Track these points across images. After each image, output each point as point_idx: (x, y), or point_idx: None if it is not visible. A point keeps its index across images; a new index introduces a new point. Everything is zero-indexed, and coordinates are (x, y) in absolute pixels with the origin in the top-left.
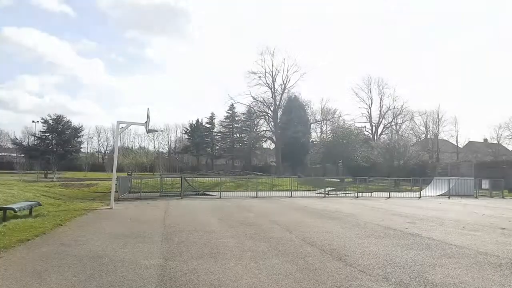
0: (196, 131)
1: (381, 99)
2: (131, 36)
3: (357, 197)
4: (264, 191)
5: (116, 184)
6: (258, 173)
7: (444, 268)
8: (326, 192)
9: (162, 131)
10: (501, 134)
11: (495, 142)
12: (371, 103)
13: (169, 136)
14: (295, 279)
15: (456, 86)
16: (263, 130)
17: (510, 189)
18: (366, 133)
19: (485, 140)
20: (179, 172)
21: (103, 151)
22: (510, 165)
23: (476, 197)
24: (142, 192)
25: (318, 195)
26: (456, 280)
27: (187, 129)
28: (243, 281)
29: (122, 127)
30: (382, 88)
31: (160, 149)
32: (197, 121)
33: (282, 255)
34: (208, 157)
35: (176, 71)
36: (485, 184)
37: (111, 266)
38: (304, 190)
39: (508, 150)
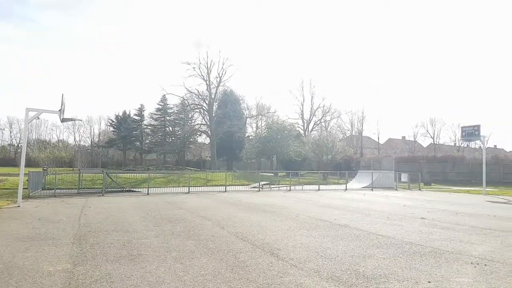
0: (123, 123)
1: (312, 97)
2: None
3: (290, 190)
4: (198, 186)
5: (26, 180)
6: (192, 168)
7: (373, 259)
8: (260, 186)
9: (79, 120)
10: (417, 132)
11: (412, 139)
12: (303, 101)
13: (92, 129)
14: (224, 279)
15: (379, 87)
16: (198, 124)
17: (426, 182)
18: (298, 129)
19: (403, 137)
20: (102, 167)
21: (16, 144)
22: (425, 160)
23: (396, 189)
24: (58, 188)
25: (253, 189)
26: (386, 271)
27: (113, 121)
28: (164, 286)
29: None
30: (313, 87)
31: (82, 143)
32: (124, 112)
33: (212, 253)
34: (137, 152)
35: (102, 57)
36: (404, 177)
37: (5, 274)
38: (239, 185)
39: (423, 147)
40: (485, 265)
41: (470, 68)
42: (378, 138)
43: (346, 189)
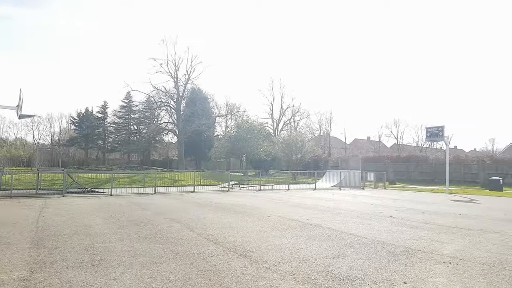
0: (85, 121)
1: (282, 97)
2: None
3: (260, 190)
4: (164, 186)
5: None
6: (158, 168)
7: (347, 259)
8: (230, 186)
9: (38, 116)
10: (382, 133)
11: (377, 140)
12: (273, 100)
13: (52, 126)
14: (195, 285)
15: (346, 88)
16: (165, 122)
17: (391, 181)
18: (268, 128)
19: (368, 137)
20: (63, 167)
21: None
22: (390, 160)
23: (363, 188)
24: (15, 189)
25: (222, 189)
26: (361, 272)
27: (74, 119)
28: None
29: None
30: (283, 87)
31: (41, 141)
32: (87, 110)
33: (181, 258)
34: (99, 151)
35: (63, 52)
36: (370, 176)
37: None
38: (208, 185)
39: (387, 147)
40: (457, 264)
41: (431, 71)
42: (345, 138)
43: (315, 189)
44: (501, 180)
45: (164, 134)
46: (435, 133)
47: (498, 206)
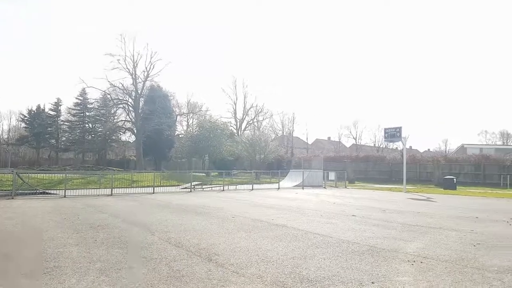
0: (37, 119)
1: (245, 97)
2: None
3: (223, 190)
4: (122, 188)
5: None
6: (114, 168)
7: (314, 259)
8: (192, 186)
9: None
10: (341, 133)
11: (337, 140)
12: (236, 100)
13: (1, 124)
14: None
15: (308, 89)
16: (122, 120)
17: (350, 180)
18: (231, 128)
19: (329, 138)
20: (12, 167)
21: None
22: (349, 160)
23: (325, 187)
24: None
25: (184, 190)
26: (329, 273)
27: (25, 117)
28: None
29: None
30: (246, 87)
31: None
32: (38, 107)
33: (142, 263)
34: (52, 150)
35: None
36: (332, 176)
37: None
38: (169, 186)
39: (346, 147)
40: (421, 262)
41: (388, 73)
42: (307, 138)
43: (279, 188)
44: (455, 179)
45: (121, 133)
46: (393, 134)
47: (453, 204)
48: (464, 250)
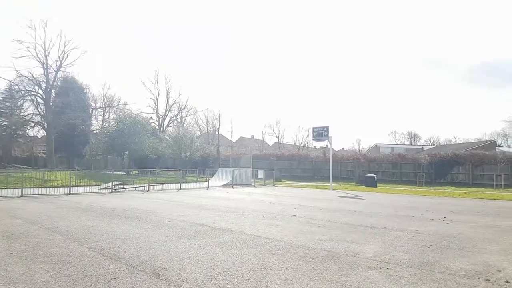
0: None
1: (168, 92)
2: None
3: (148, 190)
4: (32, 188)
5: None
6: (21, 166)
7: (276, 270)
8: (113, 186)
9: None
10: (265, 132)
11: (260, 138)
12: (158, 95)
13: None
14: None
15: (233, 87)
16: (30, 114)
17: (276, 178)
18: (153, 124)
19: (252, 136)
20: None
21: None
22: (275, 158)
23: (254, 186)
24: None
25: (104, 190)
26: (299, 287)
27: None
28: None
29: None
30: (169, 81)
31: None
32: None
33: (75, 283)
34: None
35: None
36: (260, 174)
37: None
38: (86, 186)
39: (269, 145)
40: (388, 269)
41: (308, 74)
42: (232, 136)
43: (208, 187)
44: (375, 177)
45: (29, 128)
46: (321, 133)
47: (383, 202)
48: (422, 253)
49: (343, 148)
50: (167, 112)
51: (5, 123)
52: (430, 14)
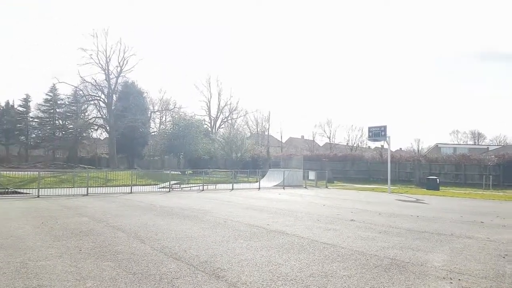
0: (6, 115)
1: (219, 94)
2: None
3: (203, 190)
4: (96, 187)
5: None
6: (86, 166)
7: (338, 278)
8: (170, 186)
9: None
10: (316, 132)
11: (310, 138)
12: (210, 97)
13: None
14: None
15: (282, 87)
16: (93, 117)
17: (329, 179)
18: (205, 125)
19: (302, 136)
20: None
21: None
22: (327, 159)
23: (306, 187)
24: None
25: (162, 189)
26: None
27: None
28: None
29: None
30: (221, 84)
31: None
32: (7, 103)
33: (141, 281)
34: (21, 147)
35: None
36: (312, 175)
37: None
38: (146, 185)
39: (320, 145)
40: (460, 280)
41: (361, 73)
42: (281, 136)
43: (259, 188)
44: (437, 180)
45: (93, 130)
46: (377, 133)
47: (447, 206)
48: (496, 264)
49: (400, 149)
50: (218, 114)
51: (71, 126)
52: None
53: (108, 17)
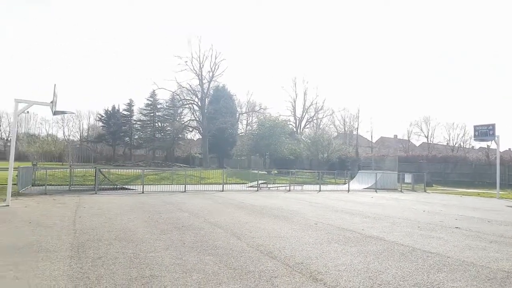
0: (112, 118)
1: (305, 94)
2: None
3: (289, 190)
4: (192, 184)
5: (16, 176)
6: (181, 165)
7: None
8: (258, 185)
9: (72, 113)
10: (411, 131)
11: (404, 138)
12: (296, 97)
13: (81, 123)
14: None
15: (371, 85)
16: (188, 120)
17: (427, 182)
18: (290, 126)
19: (395, 136)
20: (92, 162)
21: (5, 138)
22: (425, 160)
23: (401, 191)
24: (48, 185)
25: (251, 188)
26: None
27: (102, 116)
28: None
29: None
30: (306, 83)
31: (71, 137)
32: (114, 107)
33: (241, 277)
34: (126, 147)
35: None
36: (408, 178)
37: None
38: (235, 183)
39: (416, 146)
40: None
41: (461, 68)
42: (372, 136)
43: (349, 190)
44: None
45: (188, 131)
46: (485, 132)
47: None
48: None
49: (509, 149)
50: (304, 114)
51: (169, 128)
52: None
53: (197, 24)
